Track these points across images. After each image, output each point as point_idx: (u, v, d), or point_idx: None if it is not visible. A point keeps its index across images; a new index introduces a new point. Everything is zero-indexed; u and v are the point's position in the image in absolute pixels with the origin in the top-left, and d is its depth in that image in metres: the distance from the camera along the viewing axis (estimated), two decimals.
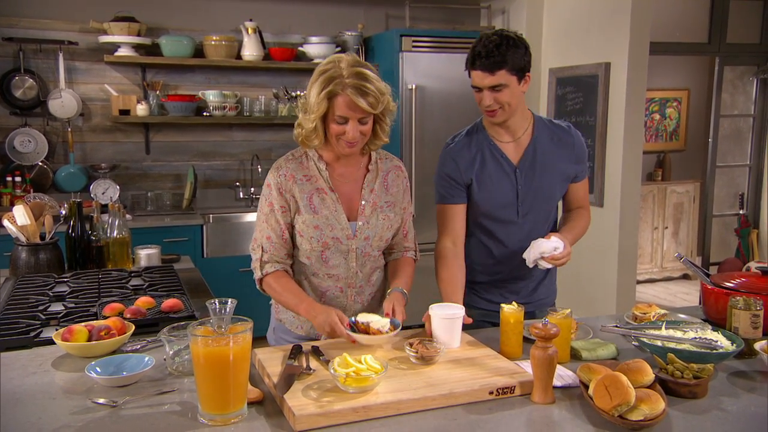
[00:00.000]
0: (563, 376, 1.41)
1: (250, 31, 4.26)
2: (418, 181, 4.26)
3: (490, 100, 1.81)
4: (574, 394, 1.36)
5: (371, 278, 1.81)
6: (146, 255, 2.55)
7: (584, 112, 4.15)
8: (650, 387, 1.30)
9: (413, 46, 4.24)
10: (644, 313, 1.80)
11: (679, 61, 5.92)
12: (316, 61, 4.33)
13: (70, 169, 4.12)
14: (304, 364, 1.42)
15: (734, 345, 1.49)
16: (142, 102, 4.15)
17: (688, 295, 5.52)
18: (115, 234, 2.45)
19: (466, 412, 1.28)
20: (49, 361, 1.53)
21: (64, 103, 4.02)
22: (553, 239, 1.79)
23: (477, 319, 1.70)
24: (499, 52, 1.75)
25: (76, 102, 4.06)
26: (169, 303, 1.88)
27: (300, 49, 4.44)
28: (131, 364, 1.44)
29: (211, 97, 4.27)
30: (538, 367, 1.31)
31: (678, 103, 6.08)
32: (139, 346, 1.62)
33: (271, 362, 1.46)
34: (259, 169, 4.52)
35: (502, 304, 1.59)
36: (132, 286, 2.17)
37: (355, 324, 1.57)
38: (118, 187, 4.14)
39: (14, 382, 1.41)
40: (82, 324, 1.61)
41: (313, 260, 1.75)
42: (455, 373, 1.41)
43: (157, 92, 4.22)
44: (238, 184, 4.58)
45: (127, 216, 3.82)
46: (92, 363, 1.42)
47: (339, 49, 4.40)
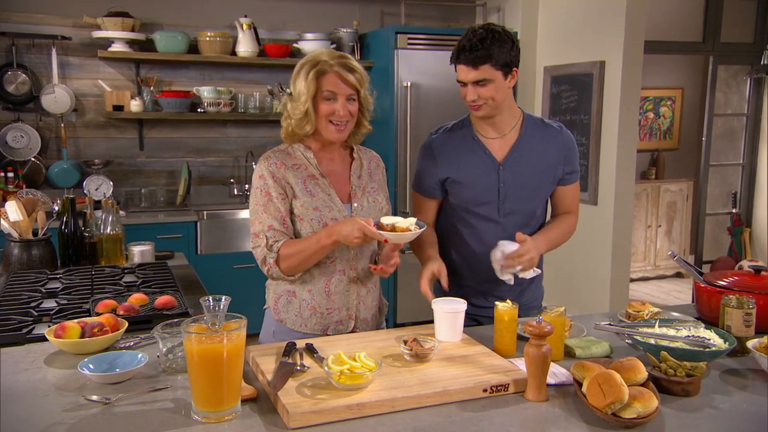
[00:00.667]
0: (557, 373, 1.41)
1: (244, 27, 4.24)
2: (412, 178, 4.25)
3: (474, 95, 1.80)
4: (567, 391, 1.36)
5: (371, 260, 1.81)
6: (140, 251, 2.54)
7: (579, 111, 4.16)
8: (643, 385, 1.30)
9: (408, 44, 4.24)
10: (638, 312, 1.80)
11: (674, 60, 5.94)
12: None
13: (63, 165, 4.09)
14: (298, 362, 1.42)
15: (727, 343, 1.50)
16: (136, 98, 4.13)
17: (681, 293, 5.54)
18: (108, 230, 2.44)
19: (461, 410, 1.28)
20: (42, 358, 1.52)
21: (57, 99, 3.99)
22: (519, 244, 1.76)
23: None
24: (484, 46, 1.74)
25: (70, 97, 4.04)
26: (162, 300, 1.87)
27: (295, 45, 4.42)
28: (124, 361, 1.44)
29: (206, 93, 4.26)
30: (532, 365, 1.31)
31: (672, 102, 6.11)
32: (132, 343, 1.61)
33: (265, 359, 1.45)
34: (254, 166, 4.48)
35: (497, 302, 1.58)
36: (125, 282, 2.16)
37: (379, 226, 1.60)
38: (112, 183, 4.12)
39: (6, 379, 1.40)
40: (75, 321, 1.60)
41: None
42: (449, 370, 1.41)
43: (151, 88, 4.20)
44: (232, 180, 4.57)
45: (121, 212, 3.80)
46: (85, 360, 1.41)
47: (334, 46, 4.39)
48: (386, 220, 1.63)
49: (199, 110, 4.29)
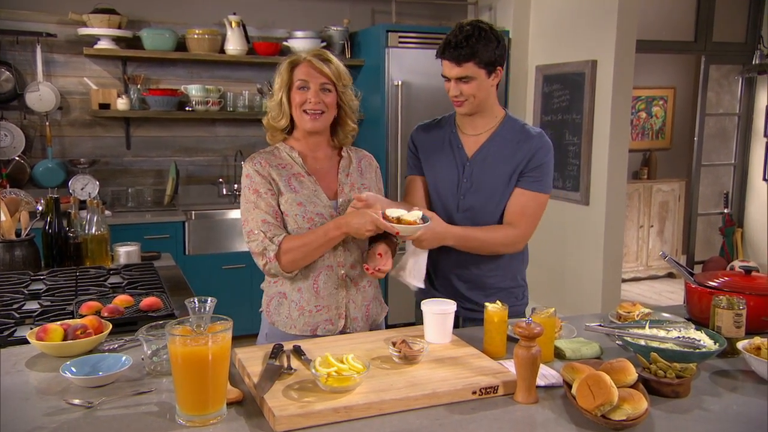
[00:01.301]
0: (547, 375, 1.40)
1: (233, 25, 4.21)
2: (403, 178, 4.24)
3: (456, 91, 1.82)
4: (557, 393, 1.35)
5: (359, 257, 1.80)
6: (125, 252, 2.51)
7: (571, 110, 4.16)
8: (633, 386, 1.29)
9: (399, 42, 4.22)
10: (628, 312, 1.80)
11: (666, 59, 5.95)
12: None
13: (48, 164, 4.04)
14: (285, 364, 1.40)
15: (717, 344, 1.49)
16: (123, 96, 4.08)
17: (673, 293, 5.55)
18: (93, 230, 2.41)
19: (449, 412, 1.27)
20: (23, 360, 1.50)
21: (41, 97, 3.93)
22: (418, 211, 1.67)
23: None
24: (469, 44, 1.75)
25: (55, 95, 3.98)
26: (147, 301, 1.85)
27: (285, 43, 4.39)
28: (108, 364, 1.42)
29: (194, 91, 4.22)
30: (522, 367, 1.30)
31: (664, 102, 6.11)
32: (117, 346, 1.58)
33: (252, 362, 1.43)
34: (243, 165, 4.47)
35: (486, 303, 1.57)
36: (110, 284, 2.13)
37: (384, 217, 1.63)
38: (98, 183, 4.07)
39: None
40: (58, 323, 1.58)
41: None
42: (438, 372, 1.39)
43: (138, 86, 4.15)
44: (221, 180, 4.53)
45: (107, 212, 3.76)
46: (67, 363, 1.39)
47: (324, 44, 4.37)
48: (392, 212, 1.65)
49: (188, 109, 4.25)
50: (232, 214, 4.13)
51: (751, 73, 5.31)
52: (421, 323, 1.63)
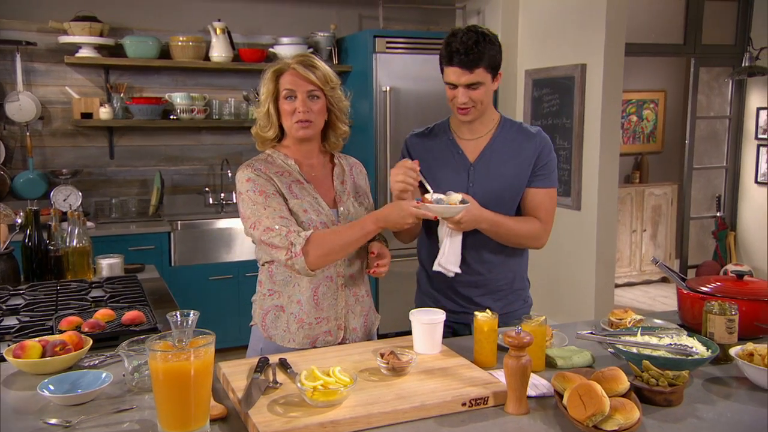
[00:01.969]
0: (538, 385, 1.37)
1: (218, 32, 4.17)
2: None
3: (465, 98, 1.78)
4: (548, 404, 1.33)
5: (360, 266, 1.79)
6: (108, 265, 2.46)
7: (561, 114, 4.15)
8: (625, 395, 1.27)
9: (387, 47, 4.20)
10: (620, 319, 1.77)
11: (656, 62, 5.97)
12: None
13: (29, 176, 3.97)
14: (271, 378, 1.37)
15: (709, 351, 1.47)
16: (106, 105, 4.03)
17: (667, 298, 5.52)
18: (74, 243, 2.36)
19: (438, 425, 1.24)
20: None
21: (21, 106, 3.88)
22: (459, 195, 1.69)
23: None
24: (478, 49, 1.73)
25: (35, 105, 3.93)
26: (130, 315, 1.81)
27: (271, 50, 4.36)
28: (87, 381, 1.38)
29: (179, 99, 4.17)
30: (512, 377, 1.27)
31: (655, 105, 6.12)
32: (97, 362, 1.55)
33: (237, 376, 1.40)
34: (229, 174, 4.44)
35: (476, 312, 1.55)
36: (92, 297, 2.08)
37: (423, 201, 1.65)
38: (81, 194, 3.99)
39: None
40: (36, 339, 1.54)
41: None
42: (427, 384, 1.37)
43: (122, 95, 4.10)
44: (207, 189, 4.49)
45: (90, 224, 3.71)
46: (45, 381, 1.36)
47: (311, 51, 4.34)
48: (431, 196, 1.67)
49: (172, 117, 4.21)
50: (219, 224, 4.09)
51: (741, 75, 5.33)
52: None
